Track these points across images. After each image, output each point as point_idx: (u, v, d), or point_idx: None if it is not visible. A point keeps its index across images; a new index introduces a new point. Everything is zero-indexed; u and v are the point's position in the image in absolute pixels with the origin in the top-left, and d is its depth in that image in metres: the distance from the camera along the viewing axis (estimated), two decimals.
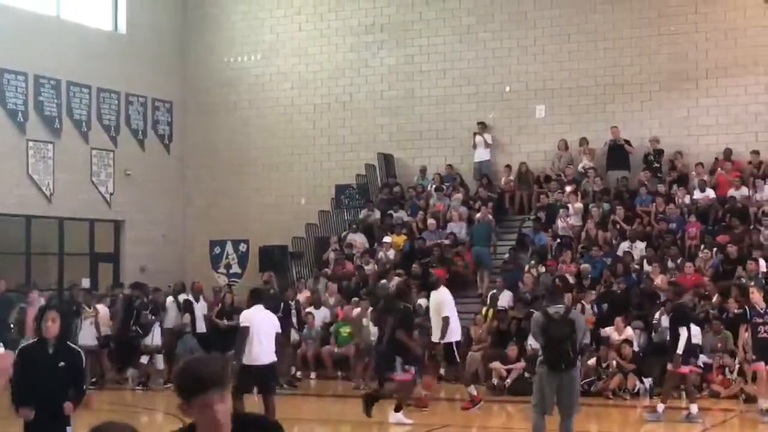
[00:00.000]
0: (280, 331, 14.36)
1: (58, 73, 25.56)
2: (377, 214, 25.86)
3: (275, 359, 13.90)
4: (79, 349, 9.23)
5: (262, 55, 28.46)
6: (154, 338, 21.00)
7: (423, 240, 24.20)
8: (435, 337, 16.62)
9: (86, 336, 20.17)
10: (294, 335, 20.98)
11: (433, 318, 16.78)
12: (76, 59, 25.91)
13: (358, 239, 25.17)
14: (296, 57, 28.07)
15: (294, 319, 20.70)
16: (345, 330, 21.48)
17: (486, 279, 23.10)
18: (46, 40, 25.09)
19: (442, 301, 16.66)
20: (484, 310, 21.24)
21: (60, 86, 25.69)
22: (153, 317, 21.04)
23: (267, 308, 14.18)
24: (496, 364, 19.11)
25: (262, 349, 13.53)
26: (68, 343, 9.19)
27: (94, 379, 19.50)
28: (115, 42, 27.57)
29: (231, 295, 22.38)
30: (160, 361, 20.95)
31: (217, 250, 28.26)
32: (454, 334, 16.58)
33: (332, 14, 27.88)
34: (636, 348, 18.86)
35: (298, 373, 21.19)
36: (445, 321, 16.40)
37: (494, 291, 21.67)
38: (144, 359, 20.85)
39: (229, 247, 28.20)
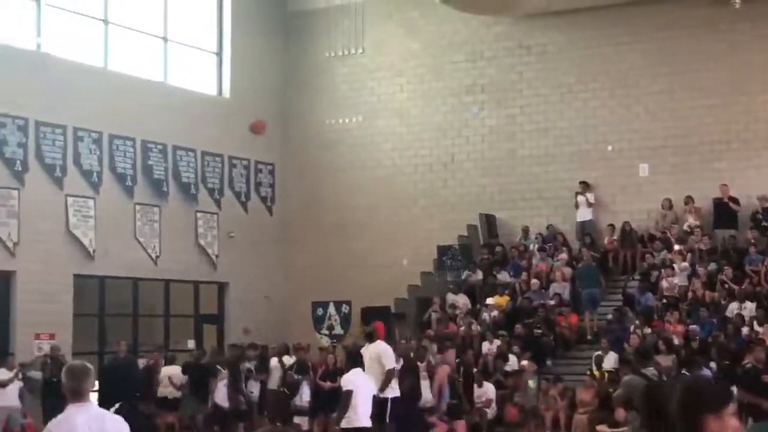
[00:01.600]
0: (375, 393, 14.26)
1: (164, 137, 26.08)
2: (479, 275, 25.72)
3: (370, 424, 13.81)
4: None
5: (363, 116, 28.67)
6: (303, 397, 21.02)
7: (529, 299, 23.98)
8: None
9: (220, 396, 20.41)
10: None
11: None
12: (182, 124, 26.43)
13: (461, 300, 25.04)
14: (397, 118, 28.23)
15: None
16: None
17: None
18: (153, 105, 25.64)
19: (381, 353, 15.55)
20: (591, 371, 20.89)
21: (167, 150, 26.21)
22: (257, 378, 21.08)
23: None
24: (602, 428, 18.73)
25: (362, 412, 13.48)
26: None
27: None
28: (219, 106, 28.07)
29: (334, 356, 22.36)
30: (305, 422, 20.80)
31: (320, 311, 28.32)
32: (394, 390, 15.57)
33: (432, 75, 28.01)
34: None
35: None
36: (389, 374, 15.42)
37: (599, 353, 21.31)
38: (297, 419, 20.60)
39: (331, 308, 28.24)
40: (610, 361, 20.97)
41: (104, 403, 21.03)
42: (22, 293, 22.49)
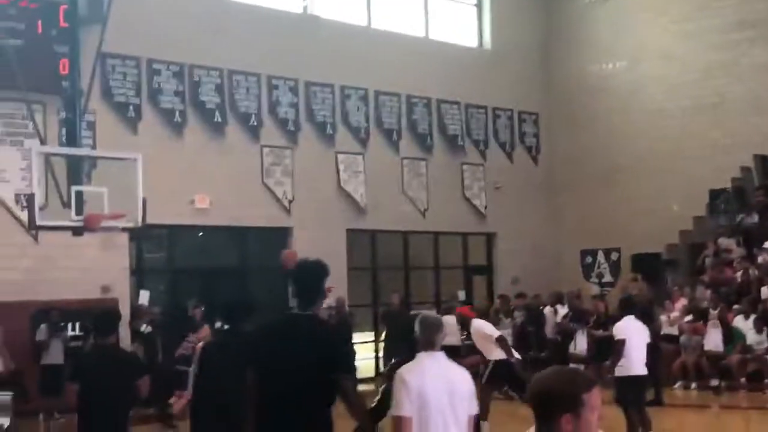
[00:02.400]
0: (650, 341, 14.06)
1: (428, 91, 26.44)
2: (755, 218, 24.79)
3: (646, 372, 13.62)
4: None
5: (626, 61, 28.09)
6: (578, 345, 21.12)
7: None
8: None
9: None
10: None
11: None
12: (444, 77, 26.69)
13: (735, 244, 24.23)
14: (663, 60, 27.46)
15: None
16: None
17: None
18: (416, 60, 26.02)
19: None
20: None
21: (431, 104, 26.57)
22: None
23: (638, 318, 13.91)
24: None
25: (636, 360, 13.33)
26: None
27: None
28: (481, 58, 28.17)
29: (605, 304, 22.18)
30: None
31: (589, 259, 28.11)
32: None
33: (698, 13, 27.05)
34: None
35: (678, 384, 20.64)
36: None
37: None
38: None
39: (600, 256, 27.98)
40: None
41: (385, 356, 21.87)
42: (299, 248, 23.23)
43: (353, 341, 21.64)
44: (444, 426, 6.51)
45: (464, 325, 16.02)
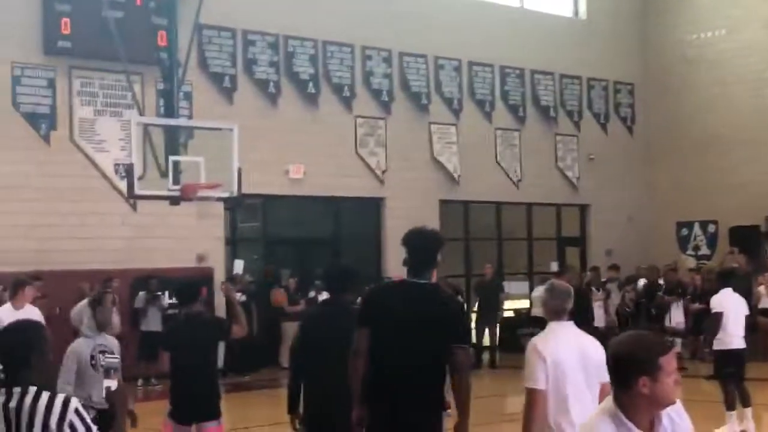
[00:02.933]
0: (749, 313, 13.83)
1: (521, 62, 26.23)
2: None
3: (744, 345, 13.40)
4: None
5: (726, 29, 27.52)
6: (674, 318, 20.88)
7: None
8: None
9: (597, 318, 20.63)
10: None
11: None
12: (538, 47, 26.46)
13: None
14: (765, 29, 26.84)
15: None
16: None
17: None
18: (509, 30, 25.83)
19: None
20: None
21: (524, 75, 26.38)
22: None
23: (736, 291, 13.68)
24: None
25: (733, 333, 13.13)
26: None
27: None
28: (575, 28, 27.84)
29: (701, 277, 21.86)
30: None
31: (685, 231, 27.73)
32: None
33: None
34: None
35: None
36: None
37: None
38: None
39: (696, 229, 27.59)
40: None
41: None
42: (391, 219, 23.47)
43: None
44: (579, 395, 6.47)
45: None
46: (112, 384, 8.87)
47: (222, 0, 19.91)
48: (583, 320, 7.25)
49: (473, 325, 23.32)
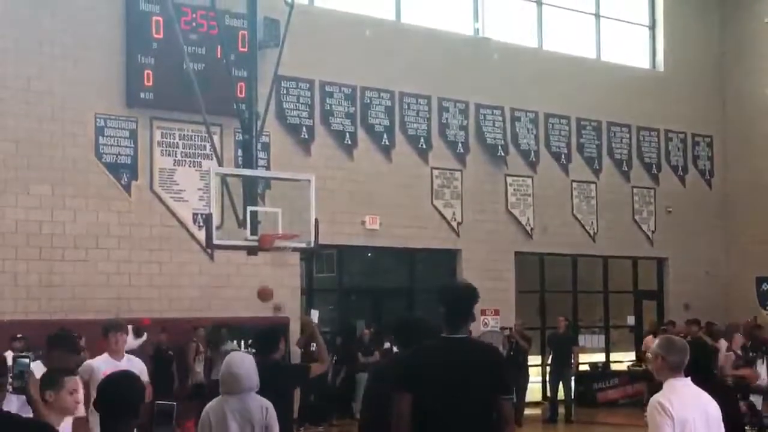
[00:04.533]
0: None
1: (598, 114, 26.12)
2: None
3: None
4: None
5: None
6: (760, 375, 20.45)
7: None
8: None
9: None
10: None
11: None
12: (615, 99, 26.34)
13: None
14: None
15: None
16: None
17: None
18: (586, 83, 25.75)
19: None
20: None
21: (600, 127, 26.25)
22: None
23: None
24: None
25: None
26: None
27: None
28: (653, 79, 27.67)
29: None
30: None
31: (765, 286, 27.23)
32: None
33: None
34: None
35: None
36: None
37: None
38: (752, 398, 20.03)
39: None
40: None
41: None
42: (467, 270, 23.39)
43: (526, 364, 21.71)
44: None
45: None
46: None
47: (300, 52, 20.11)
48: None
49: (547, 378, 23.23)
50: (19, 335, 16.09)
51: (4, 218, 18.00)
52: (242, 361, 7.84)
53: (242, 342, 19.31)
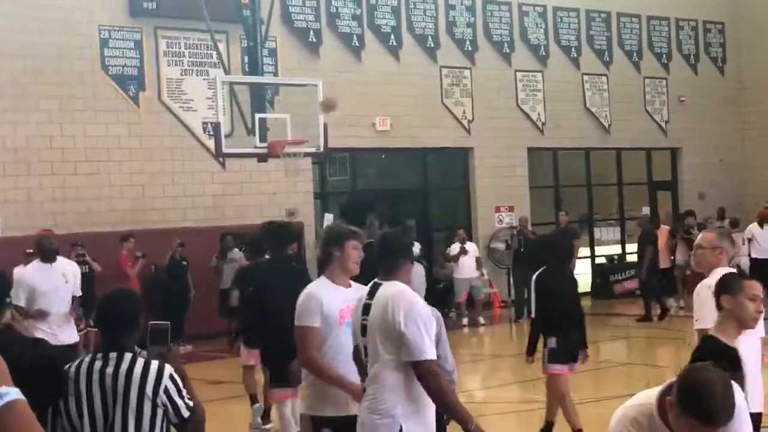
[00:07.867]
0: None
1: (607, 5, 25.80)
2: None
3: None
4: None
5: None
6: None
7: None
8: None
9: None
10: None
11: None
12: None
13: None
14: None
15: None
16: None
17: None
18: None
19: None
20: None
21: (610, 18, 25.94)
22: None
23: None
24: None
25: None
26: None
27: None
28: None
29: None
30: None
31: None
32: None
33: None
34: None
35: None
36: None
37: None
38: None
39: None
40: None
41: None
42: (480, 169, 23.39)
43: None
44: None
45: None
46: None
47: None
48: None
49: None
50: (79, 242, 16.92)
51: (16, 134, 18.01)
52: None
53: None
